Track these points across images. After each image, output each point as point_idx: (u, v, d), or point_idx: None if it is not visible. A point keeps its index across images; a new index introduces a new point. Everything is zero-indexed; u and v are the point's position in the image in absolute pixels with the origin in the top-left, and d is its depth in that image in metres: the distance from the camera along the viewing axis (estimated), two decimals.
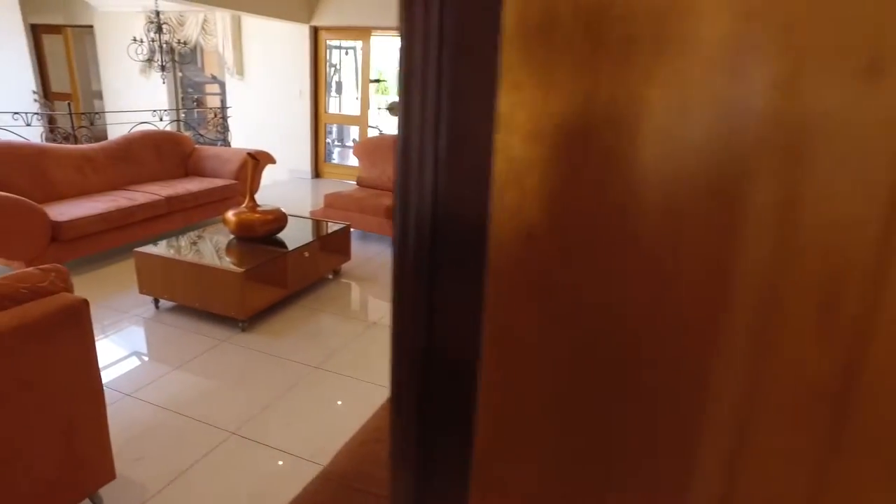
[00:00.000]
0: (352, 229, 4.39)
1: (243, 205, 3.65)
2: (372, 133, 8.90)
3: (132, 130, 5.52)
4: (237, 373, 2.81)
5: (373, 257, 4.69)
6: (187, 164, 5.54)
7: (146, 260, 3.36)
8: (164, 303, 3.45)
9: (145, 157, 5.14)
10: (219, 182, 5.22)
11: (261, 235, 3.61)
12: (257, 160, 3.64)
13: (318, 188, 7.43)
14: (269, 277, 3.49)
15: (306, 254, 3.68)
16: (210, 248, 3.60)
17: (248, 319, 3.24)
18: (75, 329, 1.63)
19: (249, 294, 3.25)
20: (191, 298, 3.29)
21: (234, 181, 5.36)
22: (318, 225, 4.39)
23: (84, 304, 1.65)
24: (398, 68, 0.38)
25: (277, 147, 7.89)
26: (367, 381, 2.76)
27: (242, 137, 8.16)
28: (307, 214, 5.34)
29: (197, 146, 5.75)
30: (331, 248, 4.13)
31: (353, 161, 9.10)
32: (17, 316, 1.49)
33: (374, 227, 4.87)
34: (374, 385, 2.72)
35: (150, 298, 3.47)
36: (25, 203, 3.54)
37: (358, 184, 5.50)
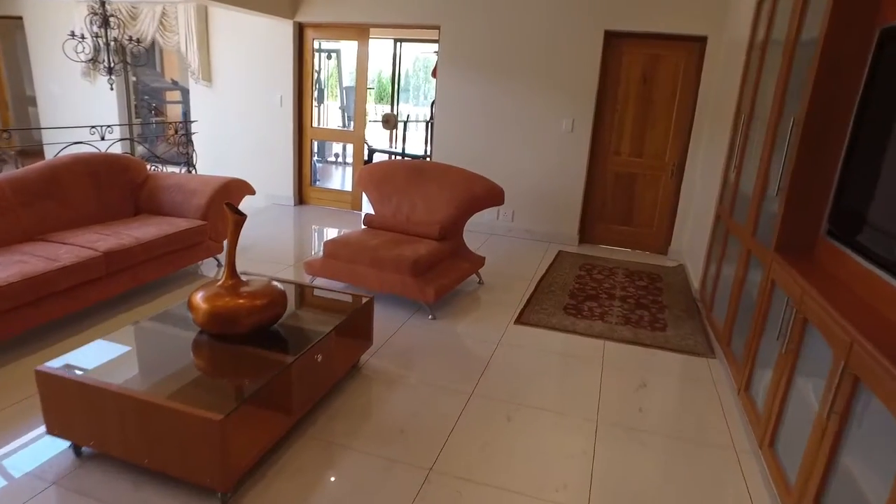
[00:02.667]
0: (364, 292, 3.13)
1: (219, 282, 2.35)
2: (379, 157, 7.66)
3: (60, 154, 4.12)
4: None
5: (399, 333, 3.41)
6: (138, 197, 4.17)
7: (55, 385, 2.02)
8: (90, 450, 2.12)
9: (77, 191, 3.76)
10: (182, 224, 3.87)
11: (246, 330, 2.31)
12: (242, 216, 2.35)
13: (304, 220, 6.10)
14: (264, 412, 2.20)
15: (319, 357, 2.39)
16: (164, 355, 2.28)
17: (233, 489, 1.94)
18: None
19: (235, 448, 1.95)
20: (134, 451, 1.97)
21: (202, 222, 4.01)
22: (326, 299, 3.09)
23: None
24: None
25: (253, 169, 6.55)
26: None
27: (209, 158, 6.77)
28: (300, 269, 3.98)
29: (152, 173, 4.38)
30: (349, 333, 2.85)
31: (340, 183, 7.75)
32: None
33: (395, 287, 3.60)
34: None
35: (65, 443, 2.14)
36: None
37: (366, 224, 4.22)
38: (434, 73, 10.69)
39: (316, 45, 9.62)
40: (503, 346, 3.32)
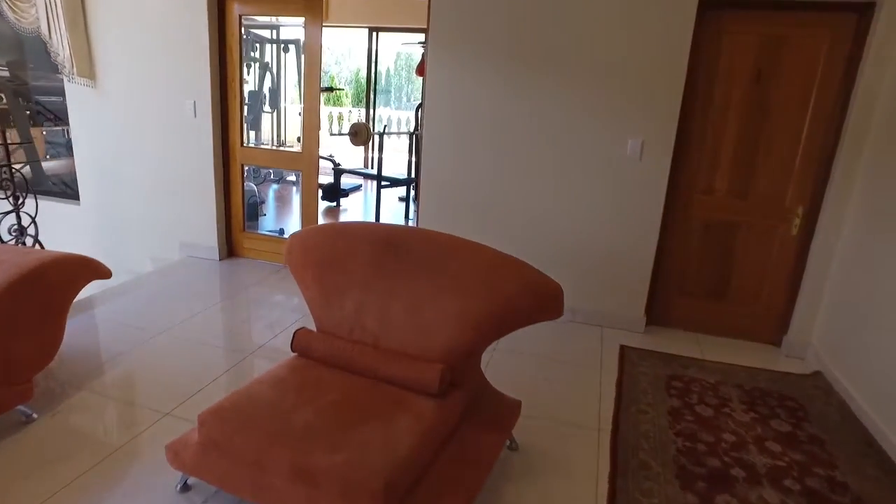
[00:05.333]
0: None
1: None
2: (349, 181, 5.76)
3: None
4: None
5: None
6: None
7: None
8: None
9: None
10: None
11: None
12: None
13: (228, 290, 4.04)
14: None
15: None
16: None
17: None
18: None
19: None
20: None
21: None
22: None
23: None
24: None
25: (158, 206, 4.49)
26: None
27: (94, 191, 4.71)
28: (185, 423, 2.29)
29: None
30: None
31: (296, 221, 5.68)
32: None
33: None
34: None
35: None
36: None
37: (297, 349, 2.20)
38: (419, 71, 8.61)
39: (268, 35, 7.55)
40: None
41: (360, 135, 5.61)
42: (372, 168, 9.14)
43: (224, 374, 2.83)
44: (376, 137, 5.64)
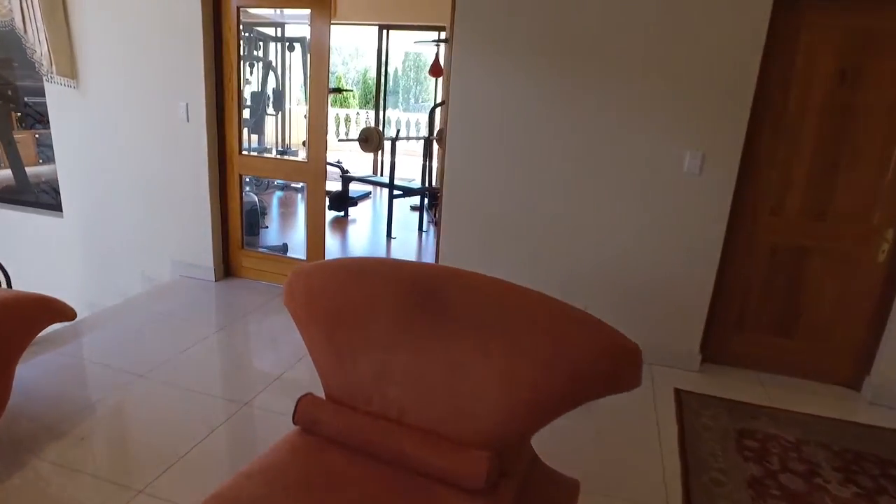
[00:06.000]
0: None
1: None
2: (358, 188, 5.39)
3: None
4: None
5: None
6: None
7: None
8: None
9: None
10: None
11: None
12: None
13: (222, 317, 3.57)
14: None
15: None
16: None
17: None
18: None
19: None
20: None
21: None
22: None
23: None
24: None
25: (148, 221, 4.05)
26: None
27: (78, 202, 4.27)
28: None
29: None
30: None
31: (302, 233, 5.21)
32: None
33: None
34: None
35: None
36: None
37: (301, 422, 1.73)
38: (434, 71, 8.12)
39: (272, 32, 7.10)
40: None
41: (371, 141, 5.13)
42: (382, 175, 8.67)
43: (212, 433, 2.36)
44: (387, 143, 5.17)
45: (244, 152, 4.00)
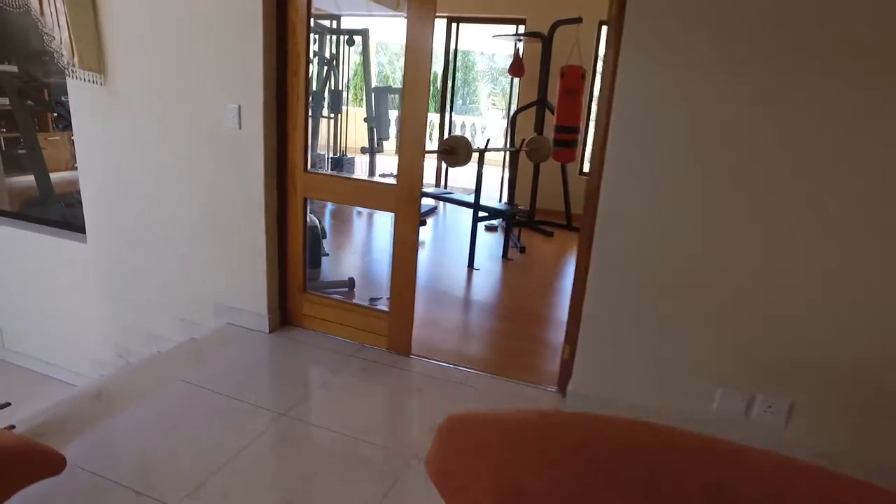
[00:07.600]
0: None
1: None
2: (422, 204, 4.46)
3: None
4: None
5: None
6: None
7: None
8: None
9: None
10: None
11: None
12: None
13: (302, 425, 2.66)
14: None
15: None
16: None
17: None
18: None
19: None
20: None
21: None
22: None
23: None
24: None
25: (185, 256, 3.20)
26: None
27: (102, 224, 3.46)
28: None
29: None
30: None
31: (387, 268, 4.26)
32: None
33: None
34: None
35: None
36: None
37: None
38: (515, 70, 7.12)
39: (326, 23, 6.26)
40: None
41: (459, 153, 4.18)
42: (446, 187, 7.77)
43: None
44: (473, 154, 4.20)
45: (310, 169, 3.10)
